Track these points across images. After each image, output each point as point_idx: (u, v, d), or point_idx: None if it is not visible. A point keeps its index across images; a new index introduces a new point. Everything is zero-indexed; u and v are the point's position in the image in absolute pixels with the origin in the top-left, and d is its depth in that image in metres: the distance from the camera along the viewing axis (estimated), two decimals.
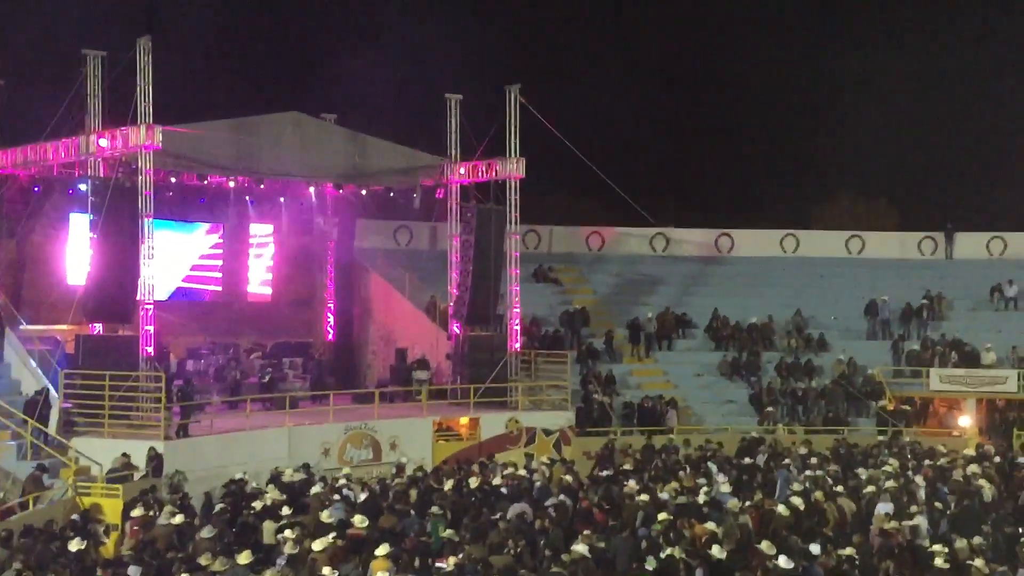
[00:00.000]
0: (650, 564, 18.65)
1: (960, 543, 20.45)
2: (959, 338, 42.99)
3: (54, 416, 28.86)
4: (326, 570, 17.60)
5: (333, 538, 19.91)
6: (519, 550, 20.09)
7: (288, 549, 19.32)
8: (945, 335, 43.50)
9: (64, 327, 32.88)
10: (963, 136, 63.95)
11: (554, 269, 47.24)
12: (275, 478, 26.93)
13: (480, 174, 37.69)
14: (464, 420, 34.96)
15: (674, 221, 50.78)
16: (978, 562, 18.68)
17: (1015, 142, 62.69)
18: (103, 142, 30.39)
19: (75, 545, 19.95)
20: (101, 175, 30.88)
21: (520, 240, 38.90)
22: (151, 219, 30.09)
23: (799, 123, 65.46)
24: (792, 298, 45.69)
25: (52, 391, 29.40)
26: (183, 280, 38.80)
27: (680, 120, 65.84)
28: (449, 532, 21.56)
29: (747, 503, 24.27)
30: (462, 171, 37.95)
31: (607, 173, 38.39)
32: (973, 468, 29.12)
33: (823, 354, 43.04)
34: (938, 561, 18.80)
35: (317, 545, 19.44)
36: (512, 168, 36.85)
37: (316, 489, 25.46)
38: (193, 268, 39.05)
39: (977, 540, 21.01)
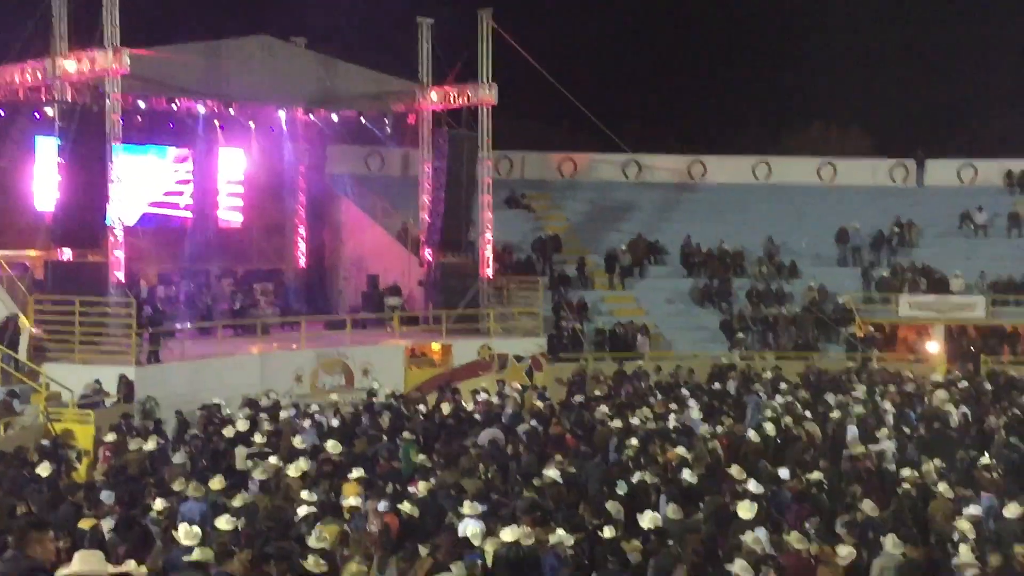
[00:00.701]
0: (621, 488, 18.80)
1: (927, 467, 20.70)
2: (929, 265, 43.26)
3: (24, 342, 28.72)
4: (304, 493, 17.65)
5: (306, 463, 19.97)
6: (490, 475, 20.21)
7: (259, 475, 19.36)
8: (915, 262, 43.77)
9: (32, 253, 32.65)
10: (936, 63, 63.87)
11: (526, 195, 47.13)
12: (249, 404, 26.94)
13: (452, 100, 37.46)
14: (436, 346, 35.02)
15: (647, 147, 50.61)
16: (942, 486, 18.89)
17: (987, 69, 62.74)
18: (69, 66, 29.97)
19: (44, 469, 19.92)
20: (68, 99, 30.49)
21: (492, 166, 38.79)
22: (119, 144, 29.80)
23: (773, 49, 65.17)
24: (764, 225, 45.78)
25: (21, 317, 29.23)
26: (152, 205, 38.45)
27: (654, 46, 65.45)
28: (422, 458, 21.67)
29: (718, 428, 24.46)
30: (434, 97, 37.69)
31: (580, 99, 38.30)
32: (941, 393, 29.45)
33: (794, 281, 43.24)
34: (905, 485, 19.04)
35: (291, 471, 19.50)
36: (484, 94, 36.60)
37: (285, 415, 25.51)
38: (162, 193, 38.70)
39: (938, 463, 21.26)
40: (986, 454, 22.37)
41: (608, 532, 15.52)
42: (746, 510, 16.49)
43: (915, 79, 63.43)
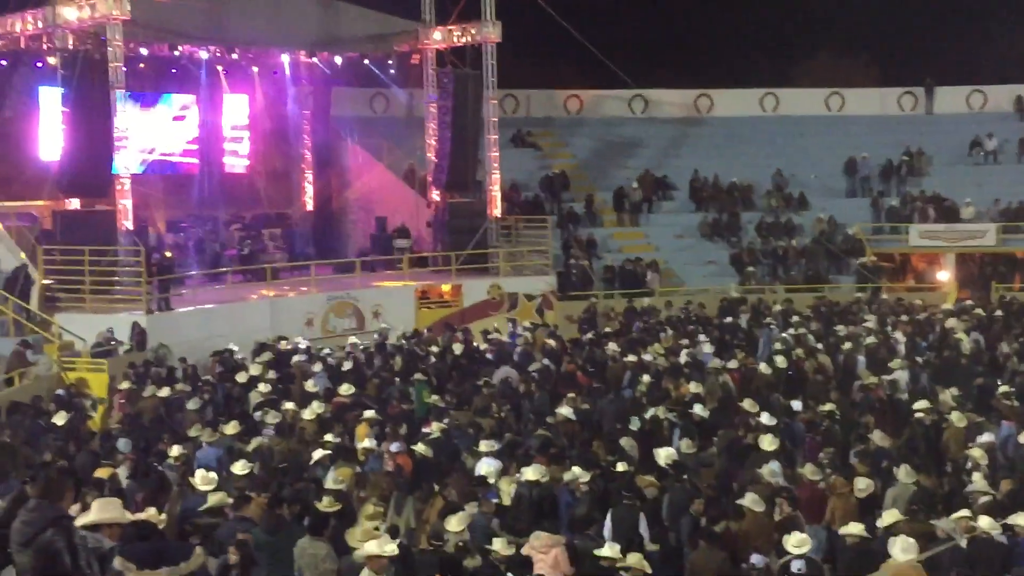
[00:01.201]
0: (634, 424, 18.87)
1: (941, 396, 20.72)
2: (939, 193, 43.02)
3: (35, 292, 28.79)
4: (329, 436, 17.75)
5: (320, 406, 20.08)
6: (503, 414, 20.28)
7: (271, 419, 19.46)
8: (925, 191, 43.52)
9: (40, 203, 32.62)
10: None
11: (532, 133, 46.90)
12: (264, 347, 27.00)
13: (456, 39, 37.15)
14: (446, 287, 35.02)
15: (653, 82, 50.24)
16: (954, 415, 18.90)
17: None
18: (70, 13, 29.73)
19: (60, 419, 20.05)
20: (70, 47, 30.31)
21: (498, 105, 38.50)
22: (123, 91, 29.67)
23: None
24: (772, 157, 45.53)
25: (31, 267, 29.27)
26: (158, 153, 38.34)
27: None
28: (435, 398, 21.75)
29: (730, 362, 24.45)
30: (437, 36, 37.39)
31: (585, 35, 37.91)
32: (952, 322, 29.44)
33: (803, 213, 43.04)
34: (918, 415, 19.06)
35: (305, 414, 19.60)
36: (488, 32, 36.29)
37: (297, 358, 25.56)
38: (168, 141, 38.56)
39: (954, 392, 21.29)
40: (1000, 382, 22.41)
41: (622, 468, 15.60)
42: (768, 443, 16.56)
43: (923, 5, 62.72)
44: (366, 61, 38.84)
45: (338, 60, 38.62)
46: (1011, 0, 59.02)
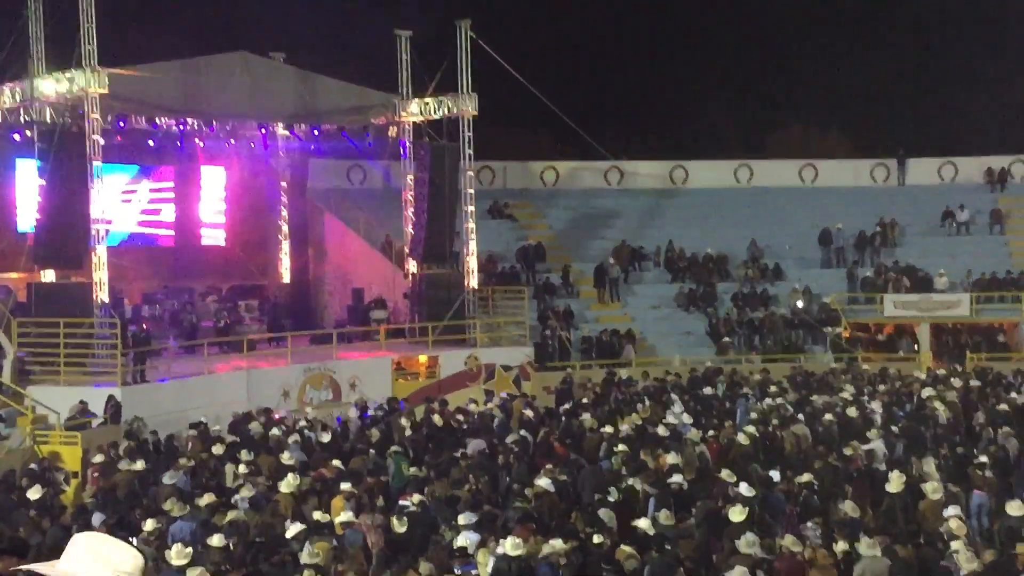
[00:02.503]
0: (612, 495, 18.78)
1: (917, 466, 20.72)
2: (912, 264, 43.35)
3: (8, 365, 28.57)
4: (318, 514, 17.59)
5: (295, 479, 19.91)
6: (480, 486, 20.16)
7: (246, 492, 19.29)
8: (898, 261, 43.85)
9: (15, 275, 32.50)
10: (914, 62, 64.18)
11: (509, 205, 47.09)
12: (243, 419, 26.82)
13: (432, 111, 37.41)
14: (423, 358, 34.95)
15: (629, 154, 50.60)
16: (927, 486, 18.86)
17: (965, 67, 63.00)
18: (47, 87, 29.86)
19: (34, 493, 19.82)
20: (47, 120, 30.38)
21: (474, 176, 38.71)
22: (100, 163, 29.70)
23: (751, 53, 65.39)
24: (747, 228, 45.80)
25: (5, 339, 29.07)
26: (135, 225, 38.35)
27: (633, 52, 65.61)
28: (413, 470, 21.61)
29: (710, 433, 24.40)
30: (414, 109, 37.64)
31: (560, 107, 38.25)
32: (927, 391, 29.51)
33: (778, 283, 43.26)
34: (893, 485, 19.01)
35: (282, 487, 19.42)
36: (464, 105, 36.57)
37: (275, 432, 25.38)
38: (144, 212, 38.59)
39: (930, 460, 21.30)
40: (977, 452, 22.44)
41: (599, 539, 15.50)
42: (737, 513, 16.52)
43: (893, 78, 63.70)
44: (343, 133, 39.06)
45: (315, 132, 38.83)
46: (980, 74, 60.08)
